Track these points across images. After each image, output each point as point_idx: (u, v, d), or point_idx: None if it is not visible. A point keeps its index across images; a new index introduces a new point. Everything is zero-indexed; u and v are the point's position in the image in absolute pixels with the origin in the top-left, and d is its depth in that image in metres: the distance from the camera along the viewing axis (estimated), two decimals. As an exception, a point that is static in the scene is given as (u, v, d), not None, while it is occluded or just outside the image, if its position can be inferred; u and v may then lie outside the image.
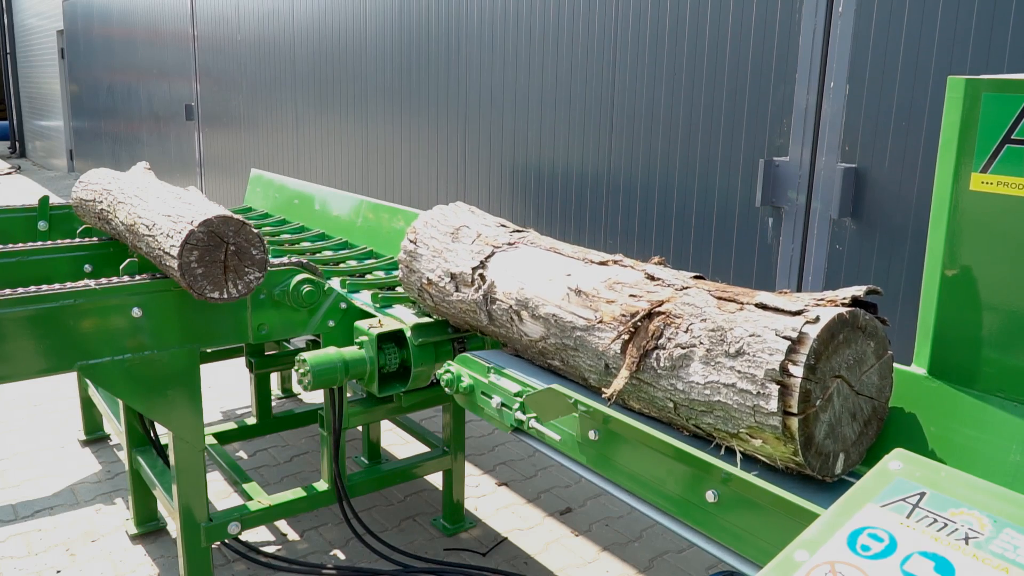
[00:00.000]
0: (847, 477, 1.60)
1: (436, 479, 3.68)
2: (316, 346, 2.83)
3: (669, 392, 1.71)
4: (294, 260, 2.70)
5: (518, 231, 2.45)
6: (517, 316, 2.16)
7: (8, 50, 18.71)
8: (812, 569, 1.00)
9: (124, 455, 3.36)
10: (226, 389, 4.83)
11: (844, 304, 1.55)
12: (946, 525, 1.03)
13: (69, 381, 4.69)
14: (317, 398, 4.55)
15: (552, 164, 4.11)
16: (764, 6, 3.05)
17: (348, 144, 5.87)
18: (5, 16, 18.52)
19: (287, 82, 6.62)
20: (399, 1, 5.10)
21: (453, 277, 2.40)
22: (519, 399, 2.06)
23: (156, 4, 9.32)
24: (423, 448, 3.52)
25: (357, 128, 5.73)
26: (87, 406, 4.09)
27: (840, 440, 1.56)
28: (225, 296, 2.32)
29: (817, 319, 1.51)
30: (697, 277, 1.91)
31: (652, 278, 1.92)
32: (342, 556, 3.18)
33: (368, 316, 2.72)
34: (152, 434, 3.15)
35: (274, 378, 4.64)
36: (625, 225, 3.73)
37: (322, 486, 2.96)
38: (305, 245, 3.73)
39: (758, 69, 3.09)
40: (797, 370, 1.48)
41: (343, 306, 2.75)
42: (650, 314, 1.78)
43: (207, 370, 3.96)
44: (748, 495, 1.51)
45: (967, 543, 1.00)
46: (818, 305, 1.56)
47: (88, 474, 3.80)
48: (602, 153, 3.81)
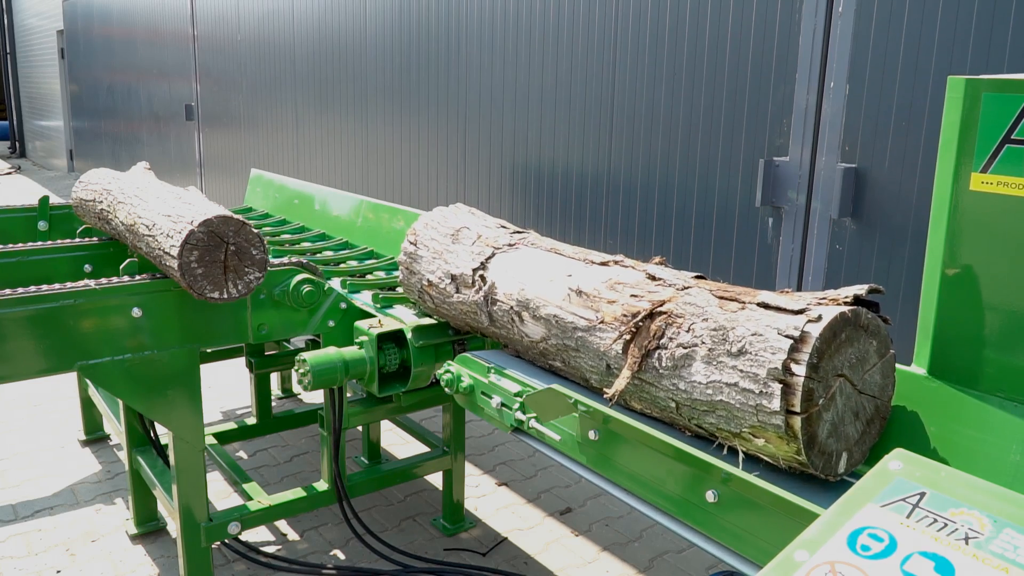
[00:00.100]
0: (847, 478, 1.60)
1: (436, 479, 3.68)
2: (316, 346, 2.83)
3: (671, 392, 1.71)
4: (294, 260, 2.70)
5: (518, 232, 2.45)
6: (518, 317, 2.16)
7: (8, 50, 18.71)
8: (812, 569, 1.00)
9: (124, 455, 3.36)
10: (226, 389, 4.83)
11: (846, 303, 1.55)
12: (946, 525, 1.03)
13: (69, 381, 4.69)
14: (317, 398, 4.55)
15: (552, 164, 4.11)
16: (764, 6, 3.05)
17: (348, 144, 5.87)
18: (5, 16, 18.52)
19: (287, 82, 6.62)
20: (399, 1, 5.10)
21: (454, 279, 2.40)
22: (519, 399, 2.05)
23: (156, 4, 9.32)
24: (423, 448, 3.52)
25: (357, 128, 5.73)
26: (87, 406, 4.09)
27: (843, 439, 1.55)
28: (225, 296, 2.32)
29: (819, 318, 1.51)
30: (698, 277, 1.91)
31: (653, 278, 1.91)
32: (342, 556, 3.18)
33: (368, 316, 2.72)
34: (152, 434, 3.15)
35: (274, 378, 4.64)
36: (625, 225, 3.73)
37: (322, 486, 2.96)
38: (306, 245, 3.73)
39: (758, 69, 3.09)
40: (800, 369, 1.48)
41: (343, 306, 2.75)
42: (652, 314, 1.78)
43: (207, 370, 3.96)
44: (748, 495, 1.51)
45: (967, 543, 1.00)
46: (820, 304, 1.55)
47: (88, 474, 3.80)
48: (602, 153, 3.81)
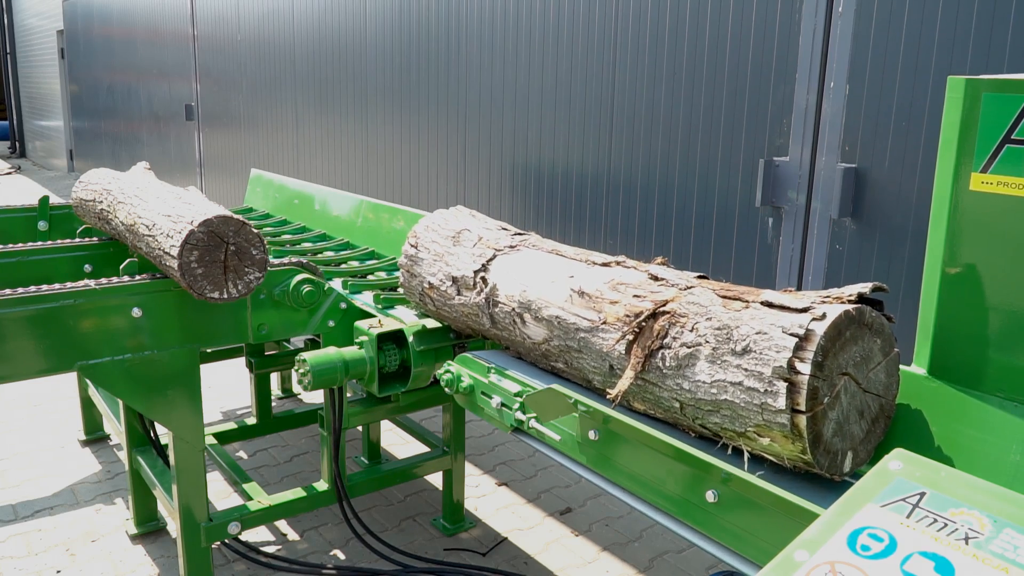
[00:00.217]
0: (848, 478, 1.60)
1: (436, 479, 3.68)
2: (316, 346, 2.83)
3: (675, 392, 1.70)
4: (294, 260, 2.70)
5: (519, 234, 2.44)
6: (520, 319, 2.16)
7: (8, 50, 18.71)
8: (812, 569, 1.00)
9: (124, 455, 3.36)
10: (226, 389, 4.83)
11: (850, 301, 1.54)
12: (946, 525, 1.03)
13: (69, 381, 4.69)
14: (317, 398, 4.55)
15: (552, 164, 4.11)
16: (764, 6, 3.05)
17: (348, 144, 5.87)
18: (5, 16, 18.52)
19: (287, 82, 6.62)
20: (399, 1, 5.10)
21: (455, 281, 2.39)
22: (519, 399, 2.05)
23: (156, 4, 9.32)
24: (423, 448, 3.52)
25: (357, 128, 5.73)
26: (87, 406, 4.09)
27: (848, 438, 1.55)
28: (225, 296, 2.32)
29: (824, 316, 1.50)
30: (701, 277, 1.90)
31: (656, 278, 1.90)
32: (342, 556, 3.18)
33: (368, 316, 2.72)
34: (152, 434, 3.15)
35: (274, 378, 4.64)
36: (625, 225, 3.73)
37: (322, 486, 2.96)
38: (307, 246, 3.73)
39: (758, 69, 3.09)
40: (804, 367, 1.47)
41: (343, 306, 2.75)
42: (655, 314, 1.77)
43: (207, 370, 3.96)
44: (748, 495, 1.51)
45: (967, 543, 1.00)
46: (824, 302, 1.55)
47: (88, 474, 3.80)
48: (602, 153, 3.81)
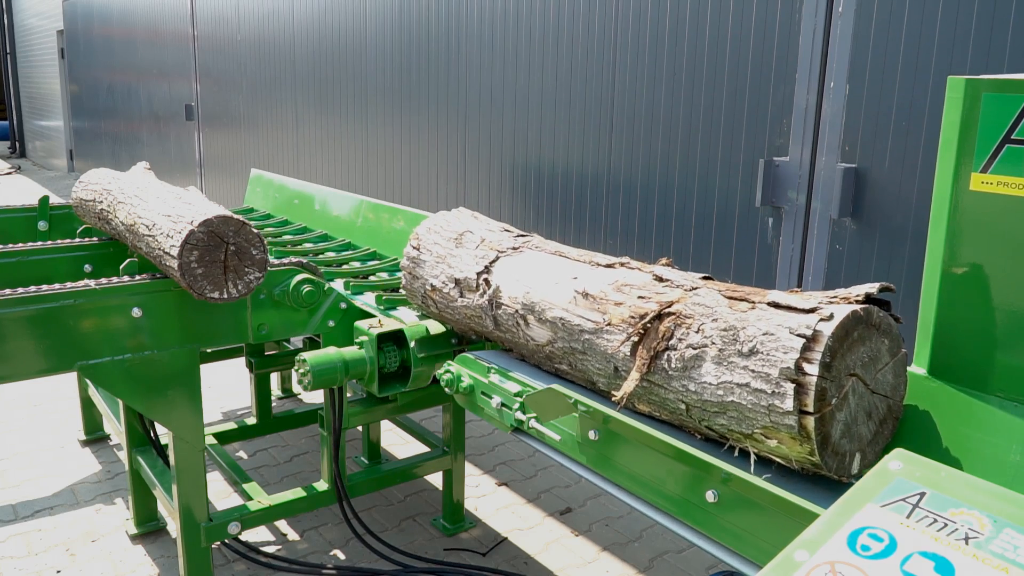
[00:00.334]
0: (855, 480, 1.60)
1: (436, 479, 3.68)
2: (316, 346, 2.83)
3: (681, 394, 1.69)
4: (294, 260, 2.70)
5: (522, 235, 2.43)
6: (523, 320, 2.15)
7: (8, 50, 18.71)
8: (812, 569, 1.00)
9: (124, 455, 3.36)
10: (226, 389, 4.83)
11: (858, 301, 1.54)
12: (946, 525, 1.03)
13: (69, 381, 4.69)
14: (317, 398, 4.55)
15: (552, 164, 4.11)
16: (764, 6, 3.05)
17: (348, 144, 5.87)
18: (5, 16, 18.52)
19: (287, 82, 6.62)
20: (399, 1, 5.10)
21: (457, 283, 2.39)
22: (519, 399, 2.05)
23: (156, 4, 9.32)
24: (423, 448, 3.52)
25: (357, 128, 5.73)
26: (87, 406, 4.09)
27: (856, 439, 1.53)
28: (225, 296, 2.32)
29: (831, 316, 1.49)
30: (706, 278, 1.89)
31: (660, 279, 1.89)
32: (342, 556, 3.18)
33: (368, 316, 2.72)
34: (152, 434, 3.15)
35: (274, 378, 4.64)
36: (625, 225, 3.73)
37: (322, 486, 2.96)
38: (308, 246, 3.73)
39: (758, 69, 3.09)
40: (812, 368, 1.46)
41: (343, 306, 2.75)
42: (660, 315, 1.76)
43: (207, 370, 3.96)
44: (748, 495, 1.51)
45: (967, 543, 1.00)
46: (831, 303, 1.54)
47: (88, 474, 3.80)
48: (602, 153, 3.81)
